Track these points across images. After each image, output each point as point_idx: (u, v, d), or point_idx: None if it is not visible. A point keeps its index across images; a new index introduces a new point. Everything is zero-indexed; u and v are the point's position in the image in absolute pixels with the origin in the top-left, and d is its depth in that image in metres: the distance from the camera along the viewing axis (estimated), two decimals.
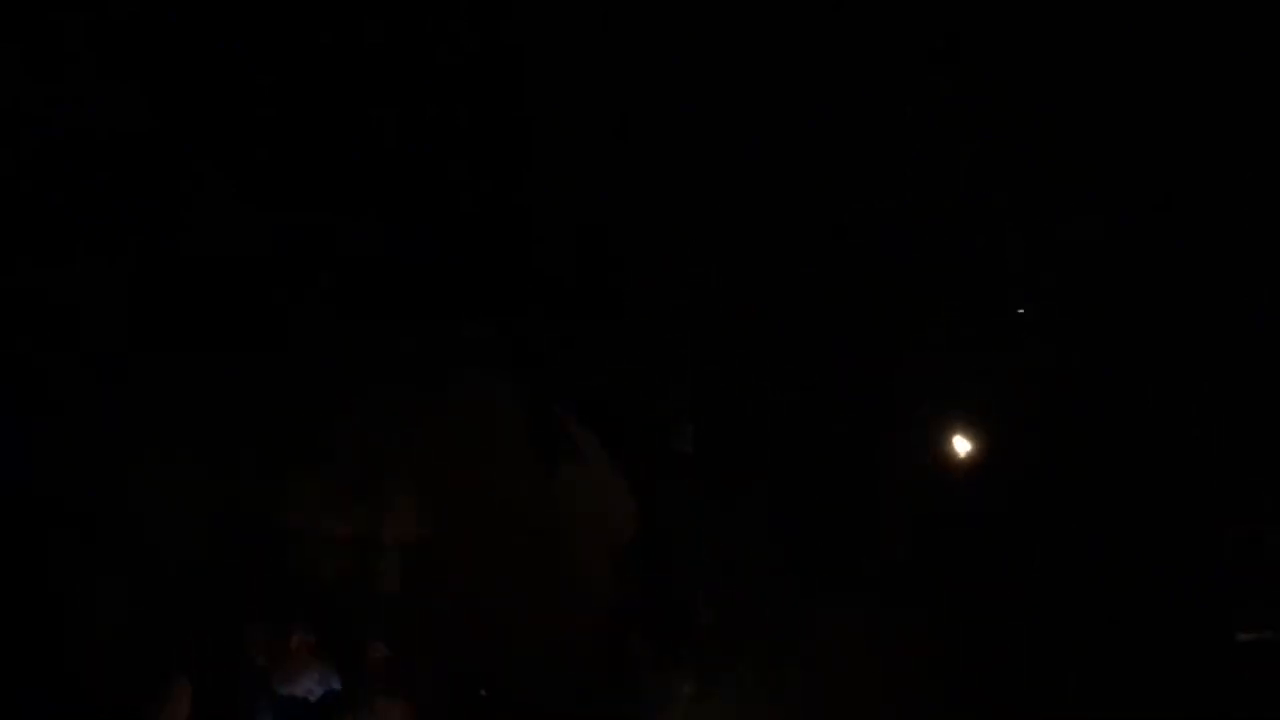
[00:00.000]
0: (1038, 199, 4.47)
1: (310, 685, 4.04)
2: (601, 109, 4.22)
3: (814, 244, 4.56)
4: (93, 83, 3.70)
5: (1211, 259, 4.43)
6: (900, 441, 4.73)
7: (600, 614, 4.56)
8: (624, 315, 4.56)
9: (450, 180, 4.21)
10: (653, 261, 4.51)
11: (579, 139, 4.21)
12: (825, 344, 4.64)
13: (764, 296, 4.59)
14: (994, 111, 4.36)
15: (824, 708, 4.20)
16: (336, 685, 4.06)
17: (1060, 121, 4.34)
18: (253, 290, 4.14)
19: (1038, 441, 4.67)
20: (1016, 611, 4.66)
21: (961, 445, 4.75)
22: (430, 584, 4.27)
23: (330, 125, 4.02)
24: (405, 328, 4.34)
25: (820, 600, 4.59)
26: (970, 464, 4.72)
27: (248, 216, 3.95)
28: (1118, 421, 4.60)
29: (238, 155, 3.94)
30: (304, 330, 4.24)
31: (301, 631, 4.02)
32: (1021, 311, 4.65)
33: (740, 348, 4.60)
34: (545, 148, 4.28)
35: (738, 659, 4.35)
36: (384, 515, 4.29)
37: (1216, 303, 4.46)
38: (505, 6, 4.03)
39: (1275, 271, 4.38)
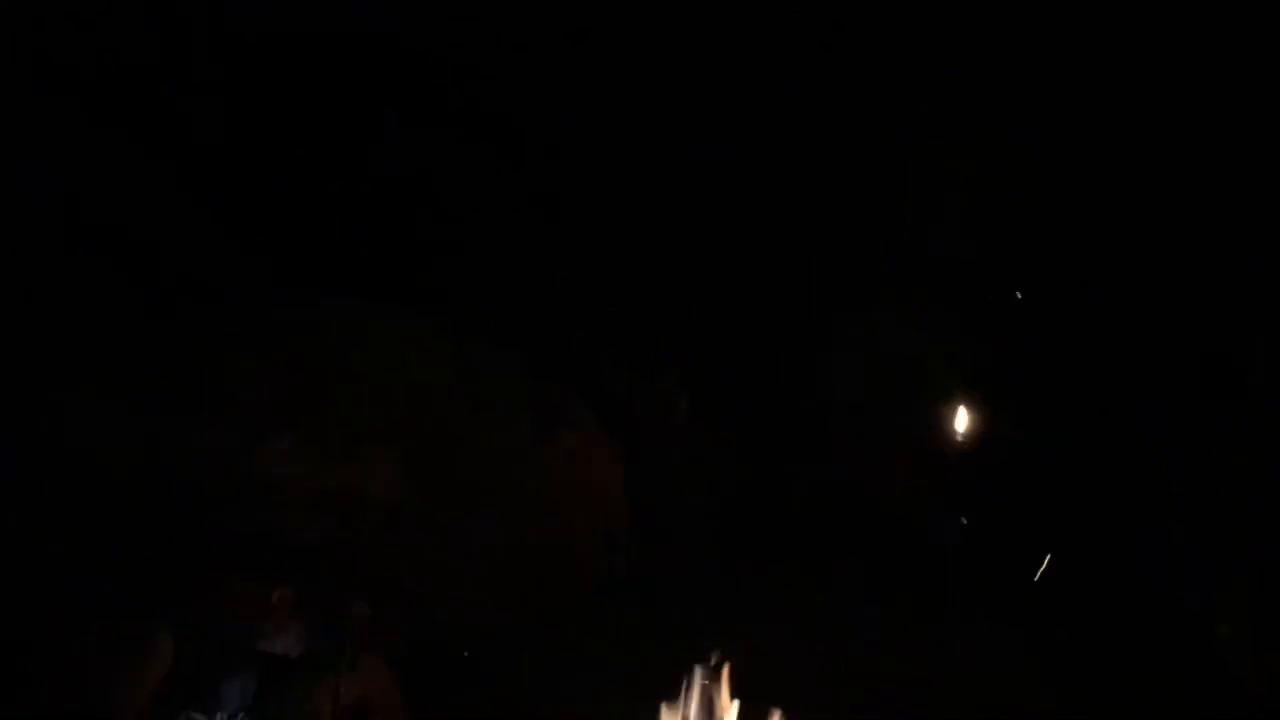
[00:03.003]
0: (1035, 203, 4.44)
1: (291, 643, 4.03)
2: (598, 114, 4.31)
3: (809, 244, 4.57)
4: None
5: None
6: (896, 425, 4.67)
7: (586, 579, 4.55)
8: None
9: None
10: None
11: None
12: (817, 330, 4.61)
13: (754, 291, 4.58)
14: (996, 117, 4.36)
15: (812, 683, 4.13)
16: (318, 643, 4.06)
17: (1061, 124, 4.33)
18: None
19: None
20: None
21: (955, 429, 4.67)
22: (412, 543, 4.25)
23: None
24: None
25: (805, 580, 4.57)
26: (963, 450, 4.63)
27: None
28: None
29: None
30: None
31: (283, 588, 4.03)
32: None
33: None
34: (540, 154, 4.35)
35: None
36: (366, 472, 4.27)
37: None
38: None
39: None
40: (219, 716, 3.81)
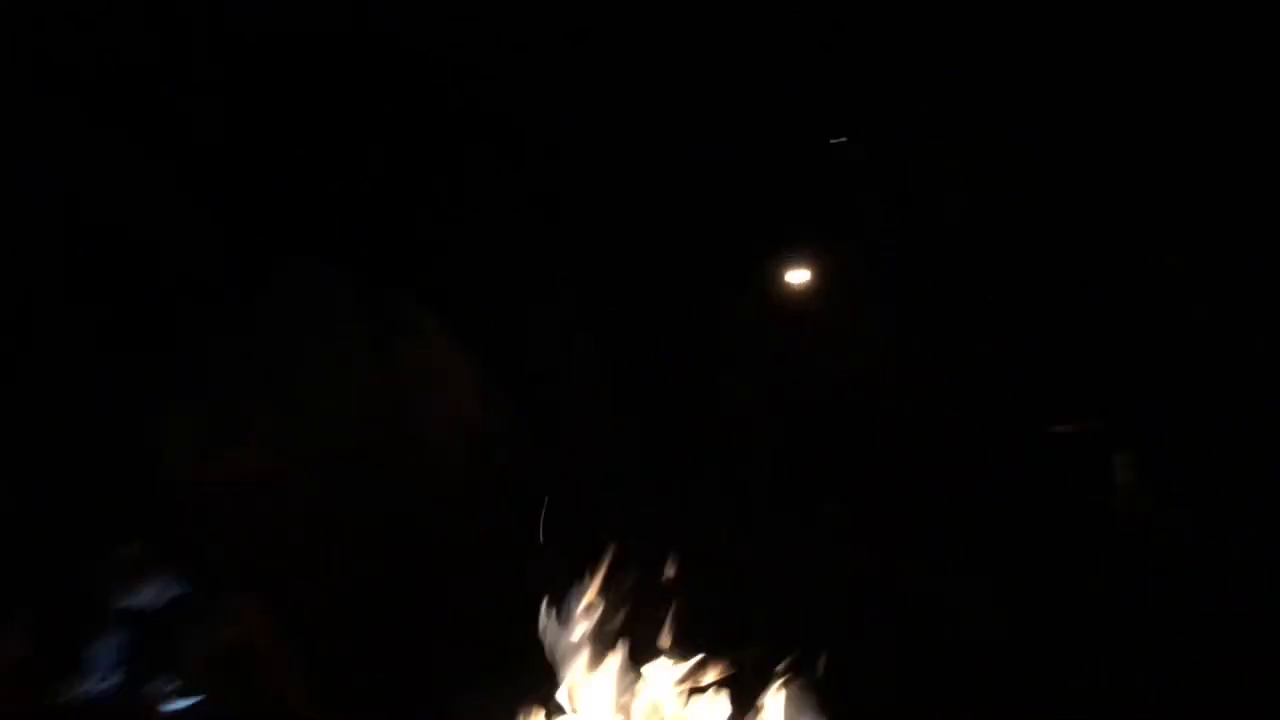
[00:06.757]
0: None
1: (152, 595, 3.95)
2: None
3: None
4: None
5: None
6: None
7: (460, 499, 4.39)
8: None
9: None
10: None
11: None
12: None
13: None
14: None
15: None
16: (180, 590, 3.97)
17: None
18: None
19: None
20: None
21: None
22: (275, 481, 4.14)
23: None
24: None
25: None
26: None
27: None
28: None
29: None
30: None
31: (136, 543, 3.94)
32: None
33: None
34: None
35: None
36: (221, 419, 4.15)
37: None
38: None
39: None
40: (93, 679, 3.73)
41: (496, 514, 4.23)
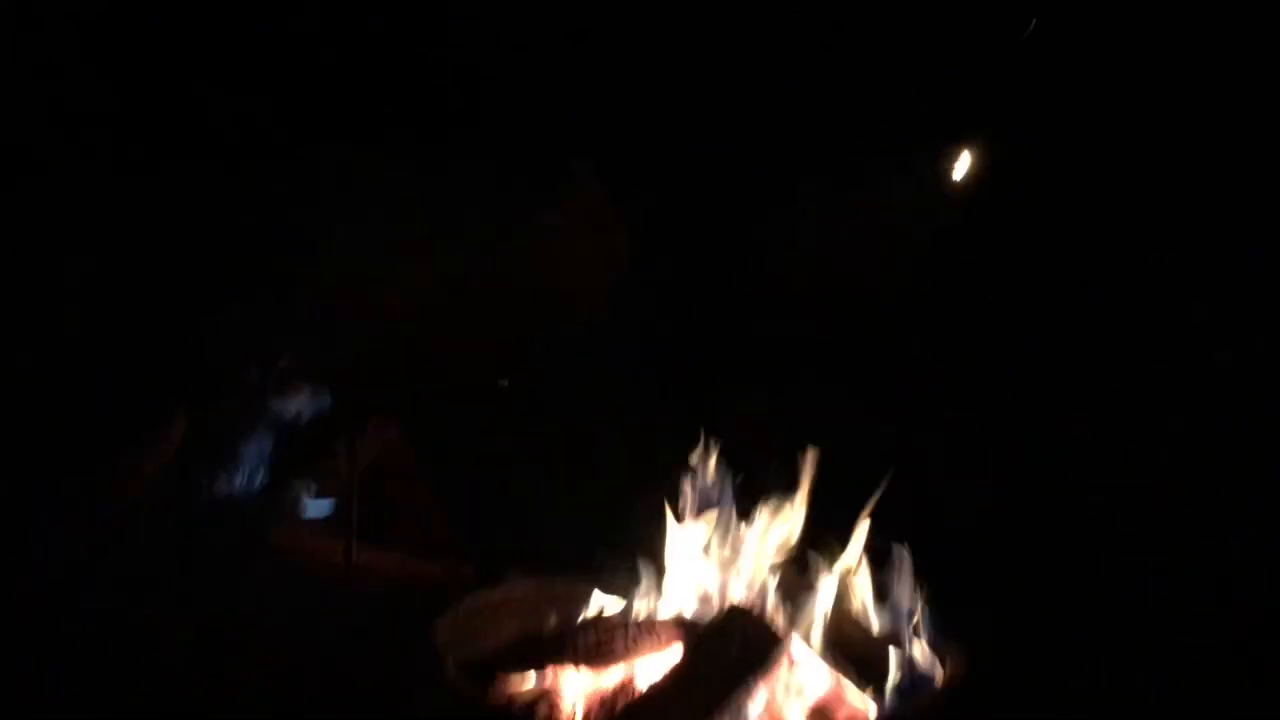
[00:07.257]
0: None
1: (301, 405, 4.12)
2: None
3: None
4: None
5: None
6: None
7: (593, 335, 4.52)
8: None
9: None
10: None
11: None
12: None
13: None
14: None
15: None
16: (327, 404, 4.15)
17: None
18: None
19: None
20: None
21: None
22: (423, 315, 4.26)
23: None
24: None
25: None
26: None
27: None
28: None
29: None
30: None
31: (291, 355, 4.09)
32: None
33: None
34: None
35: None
36: (372, 253, 4.25)
37: None
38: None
39: None
40: (240, 476, 3.92)
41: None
